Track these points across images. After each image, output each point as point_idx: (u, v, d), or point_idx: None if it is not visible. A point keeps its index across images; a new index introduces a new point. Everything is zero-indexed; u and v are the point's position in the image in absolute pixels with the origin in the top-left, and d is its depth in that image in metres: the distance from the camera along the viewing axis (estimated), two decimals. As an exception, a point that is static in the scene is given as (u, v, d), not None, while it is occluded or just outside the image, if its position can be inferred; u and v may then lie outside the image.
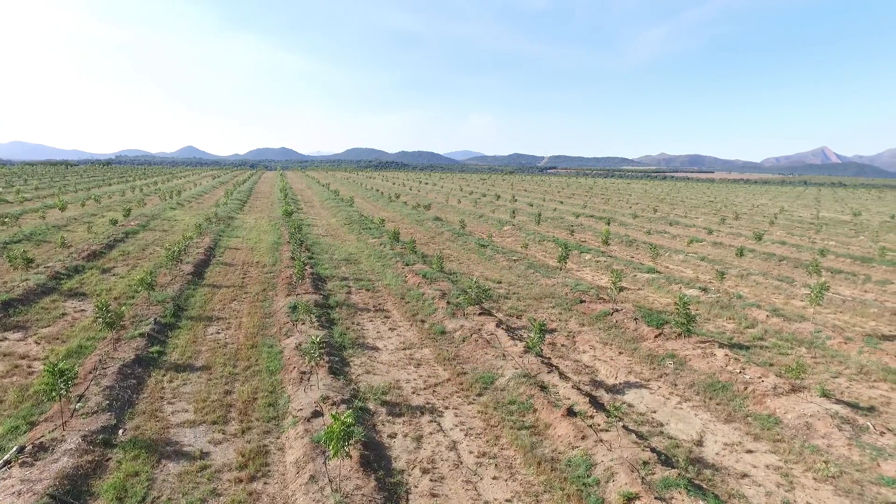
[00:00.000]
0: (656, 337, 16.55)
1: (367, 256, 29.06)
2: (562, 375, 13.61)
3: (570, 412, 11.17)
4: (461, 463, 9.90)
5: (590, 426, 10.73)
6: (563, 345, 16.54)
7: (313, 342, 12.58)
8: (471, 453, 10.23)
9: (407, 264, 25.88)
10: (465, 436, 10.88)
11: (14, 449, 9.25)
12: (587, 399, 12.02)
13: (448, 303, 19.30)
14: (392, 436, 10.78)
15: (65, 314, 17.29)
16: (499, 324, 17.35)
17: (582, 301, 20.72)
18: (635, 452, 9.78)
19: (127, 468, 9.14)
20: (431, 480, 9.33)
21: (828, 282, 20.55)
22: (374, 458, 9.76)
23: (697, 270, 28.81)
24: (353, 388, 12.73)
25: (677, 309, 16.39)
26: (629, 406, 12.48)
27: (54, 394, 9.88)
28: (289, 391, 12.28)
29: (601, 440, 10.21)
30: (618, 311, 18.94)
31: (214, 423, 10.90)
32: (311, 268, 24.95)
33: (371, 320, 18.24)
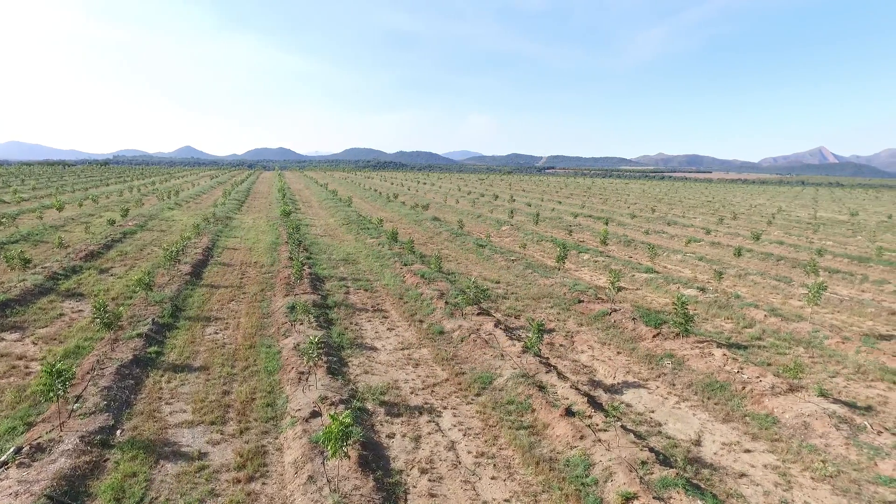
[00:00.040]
0: (654, 337, 16.56)
1: (366, 256, 29.05)
2: (560, 375, 13.61)
3: (569, 412, 11.18)
4: (459, 463, 9.90)
5: (588, 426, 10.74)
6: (561, 345, 16.55)
7: (311, 342, 12.57)
8: (469, 453, 10.24)
9: (405, 264, 25.87)
10: (464, 436, 10.88)
11: (11, 450, 9.22)
12: (585, 399, 12.02)
13: (446, 303, 19.30)
14: (390, 436, 10.78)
15: (62, 314, 17.26)
16: (497, 324, 17.35)
17: (580, 301, 20.74)
18: (633, 452, 9.79)
19: (125, 469, 9.12)
20: (430, 480, 9.33)
21: (825, 281, 20.59)
22: (373, 459, 9.75)
23: (695, 270, 28.85)
24: (352, 389, 12.72)
25: (675, 309, 16.41)
26: (627, 406, 12.49)
27: (52, 394, 9.86)
28: (287, 391, 12.27)
29: (599, 440, 10.22)
30: (616, 310, 18.96)
31: (212, 423, 10.88)
32: (310, 268, 24.94)
33: (369, 320, 18.23)
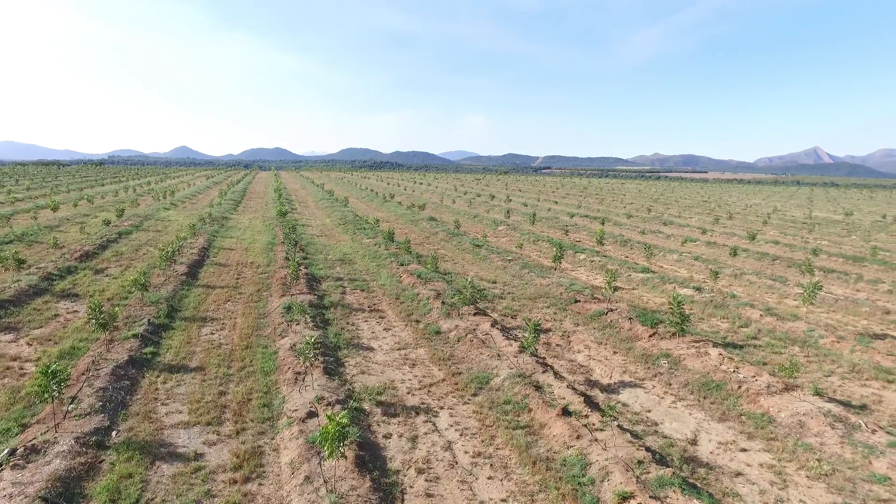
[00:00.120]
0: (651, 336, 16.60)
1: (362, 257, 29.02)
2: (557, 375, 13.63)
3: (565, 412, 11.19)
4: (456, 463, 9.90)
5: (585, 426, 10.76)
6: (557, 344, 16.57)
7: (308, 343, 12.56)
8: (466, 453, 10.24)
9: (402, 264, 25.86)
10: (461, 436, 10.88)
11: (5, 451, 9.16)
12: (582, 399, 12.04)
13: (443, 303, 19.30)
14: (387, 436, 10.77)
15: (57, 315, 17.17)
16: (494, 324, 17.36)
17: (577, 301, 20.77)
18: (630, 452, 9.81)
19: (120, 470, 9.08)
20: (427, 481, 9.33)
21: (820, 281, 20.68)
22: (370, 459, 9.75)
23: (691, 270, 28.93)
24: (348, 389, 12.70)
25: (671, 308, 16.45)
26: (624, 405, 12.51)
27: (46, 395, 9.80)
28: (283, 392, 12.24)
29: (596, 439, 10.24)
30: (612, 310, 19.00)
31: (209, 424, 10.85)
32: (306, 268, 24.89)
33: (366, 320, 18.21)
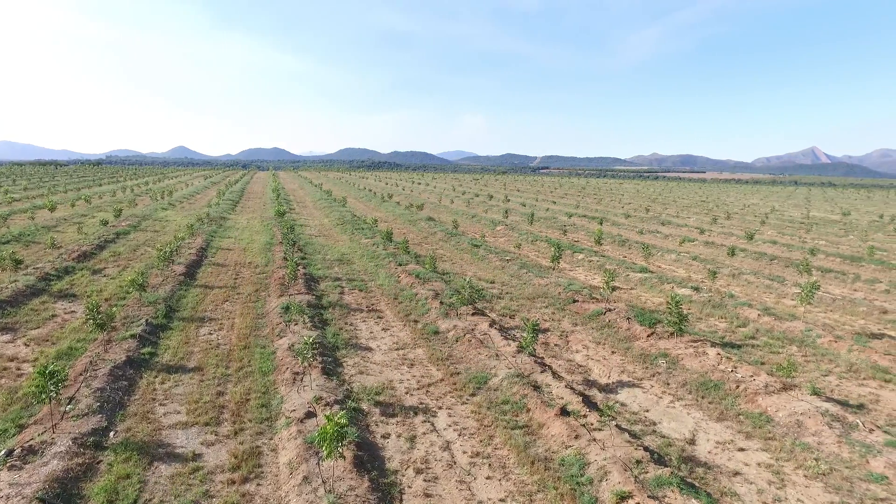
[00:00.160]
0: (649, 336, 16.62)
1: (360, 257, 29.00)
2: (555, 375, 13.64)
3: (564, 412, 11.20)
4: (455, 463, 9.90)
5: (583, 425, 10.77)
6: (556, 344, 16.58)
7: (306, 343, 12.55)
8: (464, 453, 10.24)
9: (400, 264, 25.85)
10: (459, 436, 10.88)
11: (2, 452, 9.14)
12: (580, 398, 12.05)
13: (441, 303, 19.30)
14: (386, 436, 10.76)
15: (55, 316, 17.13)
16: (492, 324, 17.36)
17: (575, 301, 20.78)
18: (628, 451, 9.82)
19: (118, 470, 9.06)
20: (425, 481, 9.32)
21: (818, 281, 20.73)
22: (368, 459, 9.74)
23: (689, 270, 28.98)
24: (347, 389, 12.70)
25: (669, 308, 16.47)
26: (622, 405, 12.52)
27: (44, 396, 9.78)
28: (282, 392, 12.23)
29: (594, 439, 10.24)
30: (610, 310, 19.01)
31: (207, 424, 10.83)
32: (304, 268, 24.87)
33: (364, 321, 18.21)
